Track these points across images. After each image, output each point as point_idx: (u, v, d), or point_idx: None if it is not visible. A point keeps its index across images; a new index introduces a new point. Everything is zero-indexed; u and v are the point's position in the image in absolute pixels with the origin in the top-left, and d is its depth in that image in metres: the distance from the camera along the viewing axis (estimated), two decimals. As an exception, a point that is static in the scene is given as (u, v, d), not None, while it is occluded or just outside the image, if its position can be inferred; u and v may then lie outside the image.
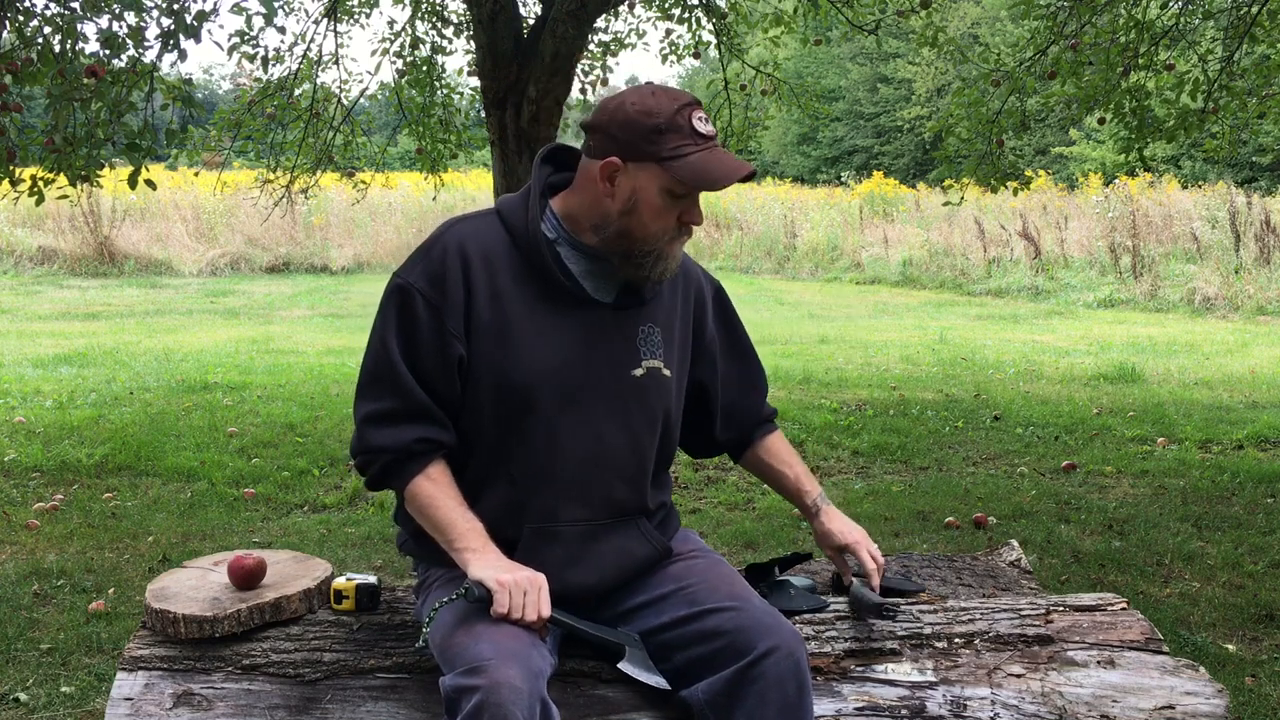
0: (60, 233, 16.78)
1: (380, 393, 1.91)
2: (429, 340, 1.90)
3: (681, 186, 1.85)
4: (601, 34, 8.20)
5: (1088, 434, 6.33)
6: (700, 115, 1.87)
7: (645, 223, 1.88)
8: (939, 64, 22.73)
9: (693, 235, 1.97)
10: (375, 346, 1.93)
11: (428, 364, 1.90)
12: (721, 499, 5.10)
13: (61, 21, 4.38)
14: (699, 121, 1.86)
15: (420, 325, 1.90)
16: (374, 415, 1.91)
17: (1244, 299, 12.45)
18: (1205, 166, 21.04)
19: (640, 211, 1.88)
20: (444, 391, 1.91)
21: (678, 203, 1.88)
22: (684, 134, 1.84)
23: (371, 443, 1.91)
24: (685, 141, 1.84)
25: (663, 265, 1.93)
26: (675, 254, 1.94)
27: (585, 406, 1.93)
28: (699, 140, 1.85)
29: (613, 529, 1.98)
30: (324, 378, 8.10)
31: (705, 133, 1.86)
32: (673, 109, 1.85)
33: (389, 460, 1.90)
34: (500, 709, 1.63)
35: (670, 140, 1.84)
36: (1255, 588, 3.87)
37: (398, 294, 1.93)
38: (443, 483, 1.91)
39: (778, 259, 18.76)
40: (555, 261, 1.93)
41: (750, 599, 1.91)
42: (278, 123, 7.35)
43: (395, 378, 1.90)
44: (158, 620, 2.03)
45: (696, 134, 1.85)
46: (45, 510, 4.80)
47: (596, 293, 1.96)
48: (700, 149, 1.85)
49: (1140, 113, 6.36)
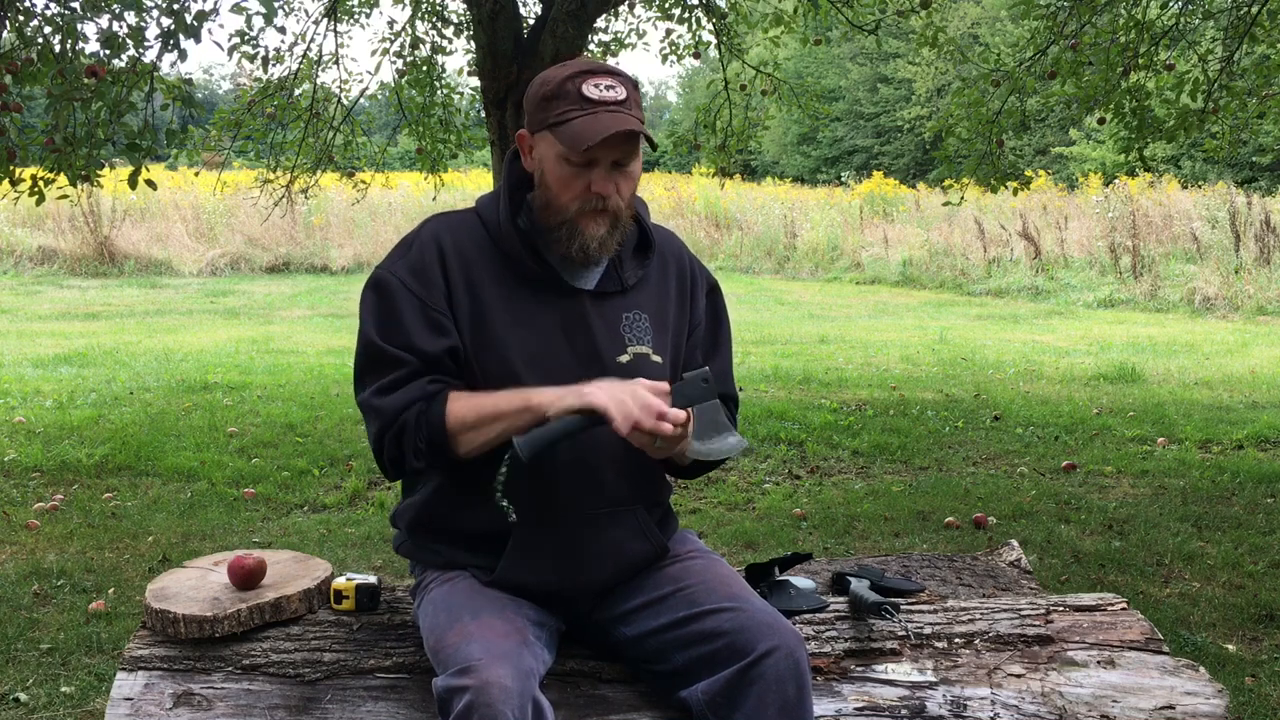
0: (60, 233, 16.78)
1: (378, 371, 1.90)
2: (414, 319, 1.90)
3: (565, 150, 1.85)
4: (601, 34, 8.21)
5: (1088, 434, 6.33)
6: (595, 81, 1.87)
7: (554, 193, 1.91)
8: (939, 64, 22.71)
9: (610, 208, 1.89)
10: (362, 338, 1.94)
11: (415, 339, 1.89)
12: (721, 499, 5.10)
13: (61, 21, 4.38)
14: (591, 88, 1.85)
15: (404, 308, 1.90)
16: (379, 389, 1.89)
17: (1244, 299, 12.45)
18: (1205, 166, 21.03)
19: (548, 182, 1.91)
20: (436, 356, 1.90)
21: (581, 172, 1.88)
22: (570, 99, 1.86)
23: (387, 407, 1.87)
24: (571, 107, 1.85)
25: (580, 241, 1.90)
26: (594, 231, 1.90)
27: None
28: (585, 105, 1.85)
29: (609, 520, 1.97)
30: (324, 378, 8.10)
31: (593, 97, 1.85)
32: (563, 76, 1.88)
33: (415, 415, 1.85)
34: (490, 709, 1.63)
35: (557, 107, 1.86)
36: (1255, 588, 3.87)
37: (379, 285, 1.94)
38: (470, 392, 1.88)
39: (778, 259, 18.75)
40: (531, 252, 1.94)
41: (749, 599, 1.91)
42: (278, 123, 7.35)
43: (386, 354, 1.89)
44: (158, 620, 2.03)
45: (583, 99, 1.85)
46: (45, 510, 4.80)
47: (576, 281, 1.96)
48: (585, 113, 1.84)
49: (1140, 113, 6.36)
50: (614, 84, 1.87)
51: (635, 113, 1.88)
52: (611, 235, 1.93)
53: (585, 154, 1.85)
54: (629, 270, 2.01)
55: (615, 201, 1.90)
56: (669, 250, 2.11)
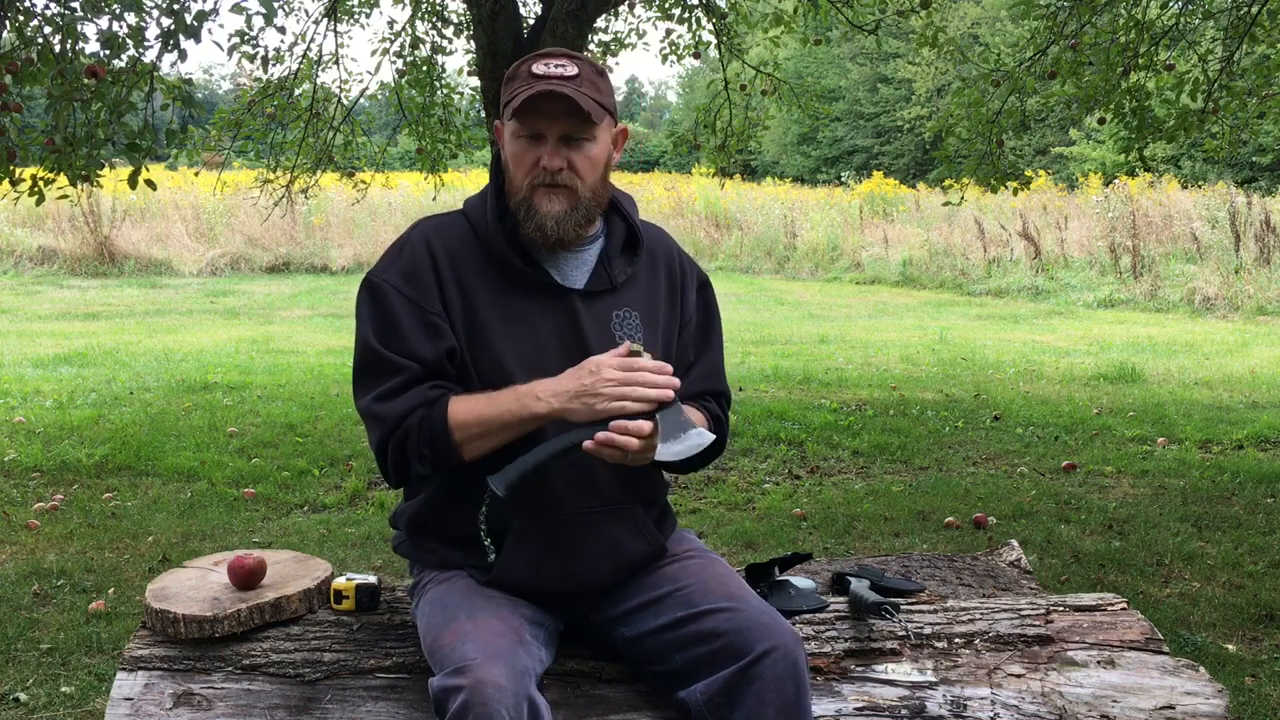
0: (60, 233, 16.78)
1: (378, 377, 1.91)
2: (411, 324, 1.90)
3: (514, 126, 1.89)
4: (601, 34, 8.21)
5: (1088, 434, 6.33)
6: (547, 61, 1.90)
7: (511, 173, 1.94)
8: (939, 64, 22.71)
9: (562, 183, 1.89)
10: (360, 344, 1.94)
11: (413, 345, 1.90)
12: (721, 499, 5.10)
13: (61, 21, 4.37)
14: (540, 66, 1.89)
15: (398, 314, 1.91)
16: (379, 395, 1.89)
17: (1244, 299, 12.45)
18: (1205, 166, 21.03)
19: (509, 163, 1.95)
20: (435, 361, 1.90)
21: (531, 146, 1.90)
22: (521, 79, 1.90)
23: (389, 414, 1.87)
24: (521, 85, 1.90)
25: (536, 220, 1.91)
26: (548, 208, 1.91)
27: None
28: (532, 81, 1.88)
29: (606, 518, 1.97)
30: (324, 378, 8.10)
31: (540, 73, 1.88)
32: (520, 62, 1.93)
33: (417, 421, 1.86)
34: (485, 708, 1.63)
35: (511, 88, 1.91)
36: (1255, 588, 3.87)
37: (372, 290, 1.95)
38: (470, 396, 1.89)
39: (778, 259, 18.75)
40: (519, 252, 1.95)
41: (748, 599, 1.90)
42: (278, 123, 7.35)
43: (384, 361, 1.90)
44: (158, 620, 2.03)
45: (532, 76, 1.89)
46: (45, 510, 4.80)
47: (565, 280, 1.97)
48: (529, 88, 1.87)
49: (1140, 113, 6.36)
50: (565, 63, 1.90)
51: (584, 90, 1.88)
52: (570, 215, 1.92)
53: (525, 124, 1.88)
54: (618, 268, 2.01)
55: (569, 178, 1.90)
56: (658, 247, 2.11)
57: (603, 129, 1.93)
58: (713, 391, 2.13)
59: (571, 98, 1.84)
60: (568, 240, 1.94)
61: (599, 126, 1.91)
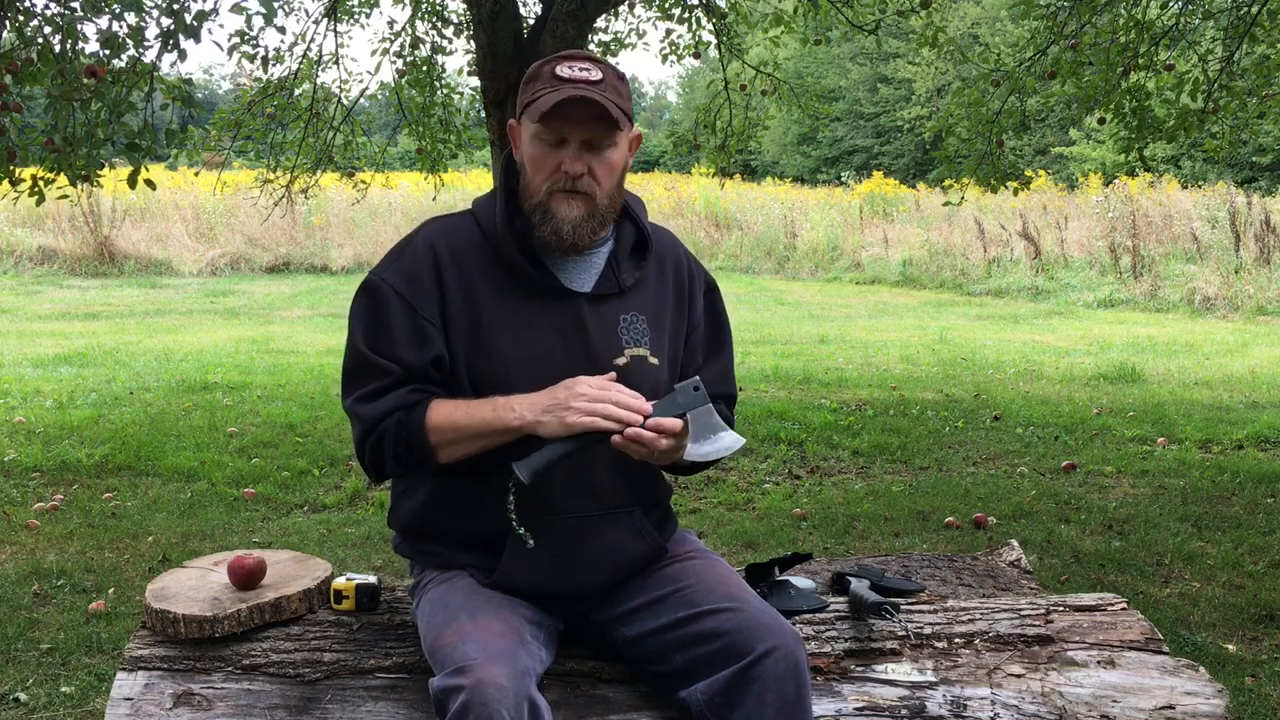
0: (60, 233, 16.77)
1: (362, 379, 1.91)
2: (402, 328, 1.90)
3: (536, 128, 1.87)
4: (601, 34, 8.21)
5: (1088, 434, 6.33)
6: (571, 64, 1.88)
7: (529, 175, 1.93)
8: (939, 64, 22.71)
9: (581, 190, 1.88)
10: (350, 344, 1.95)
11: (399, 350, 1.90)
12: (721, 499, 5.10)
13: (61, 21, 4.37)
14: (564, 68, 1.87)
15: (392, 317, 1.91)
16: (361, 397, 1.91)
17: (1244, 299, 12.45)
18: (1205, 166, 21.03)
19: (526, 165, 1.93)
20: (419, 368, 1.90)
21: (552, 151, 1.89)
22: (544, 80, 1.89)
23: (369, 415, 1.89)
24: (544, 87, 1.88)
25: (552, 224, 1.90)
26: (565, 213, 1.90)
27: None
28: (556, 83, 1.86)
29: (606, 522, 1.97)
30: (324, 378, 8.10)
31: (564, 76, 1.87)
32: (543, 62, 1.91)
33: (394, 424, 1.87)
34: (485, 708, 1.63)
35: (532, 89, 1.90)
36: (1255, 588, 3.87)
37: (370, 291, 1.95)
38: (450, 402, 1.89)
39: (778, 259, 18.75)
40: (527, 255, 1.94)
41: (748, 599, 1.90)
42: (278, 123, 7.35)
43: (371, 364, 1.90)
44: (158, 620, 2.03)
45: (555, 78, 1.87)
46: (45, 510, 4.80)
47: (573, 283, 1.96)
48: (553, 90, 1.86)
49: (1140, 113, 6.36)
50: (589, 66, 1.88)
51: (609, 95, 1.87)
52: (587, 222, 1.91)
53: (550, 127, 1.86)
54: (626, 272, 2.01)
55: (588, 184, 1.90)
56: (666, 250, 2.10)
57: (623, 135, 1.93)
58: (723, 395, 2.13)
59: (599, 103, 1.84)
60: (582, 245, 1.93)
61: (621, 132, 1.92)
